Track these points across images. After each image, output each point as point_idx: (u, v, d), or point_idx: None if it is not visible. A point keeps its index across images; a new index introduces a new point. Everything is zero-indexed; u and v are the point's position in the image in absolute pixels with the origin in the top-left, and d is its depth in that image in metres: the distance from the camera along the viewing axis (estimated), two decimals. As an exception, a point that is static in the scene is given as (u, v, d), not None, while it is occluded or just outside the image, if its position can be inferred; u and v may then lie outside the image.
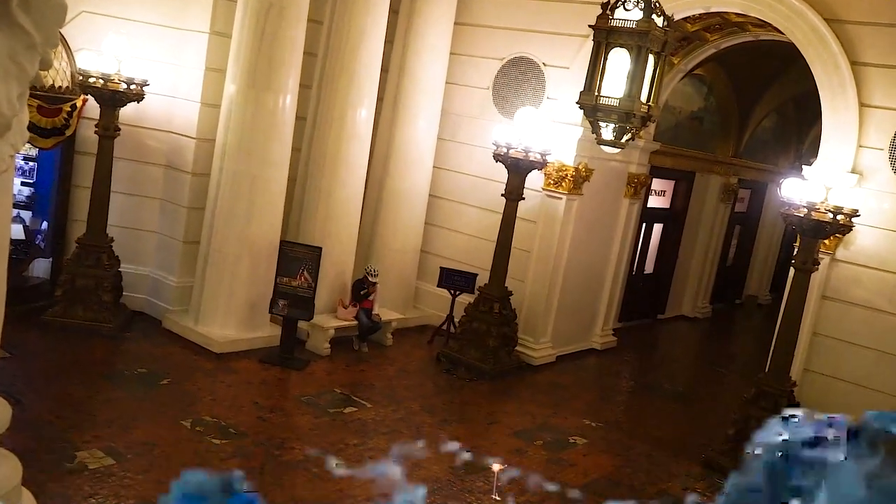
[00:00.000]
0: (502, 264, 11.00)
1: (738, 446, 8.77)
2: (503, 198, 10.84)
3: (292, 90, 10.11)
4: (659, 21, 7.23)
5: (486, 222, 12.35)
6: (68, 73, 9.92)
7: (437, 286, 12.17)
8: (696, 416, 10.88)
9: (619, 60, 7.98)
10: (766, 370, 8.95)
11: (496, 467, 7.54)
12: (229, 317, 10.18)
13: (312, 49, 10.95)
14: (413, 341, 11.99)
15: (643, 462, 8.87)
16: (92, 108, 9.98)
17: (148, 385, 8.65)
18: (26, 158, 10.37)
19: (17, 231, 10.22)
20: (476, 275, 11.93)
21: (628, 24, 7.20)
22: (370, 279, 10.95)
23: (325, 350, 10.64)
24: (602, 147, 9.08)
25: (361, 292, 11.03)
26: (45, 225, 10.65)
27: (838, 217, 8.21)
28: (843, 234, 8.75)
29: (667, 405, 11.19)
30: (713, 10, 10.61)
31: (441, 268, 12.12)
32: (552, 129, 10.94)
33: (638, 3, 7.22)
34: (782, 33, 9.97)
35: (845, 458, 0.85)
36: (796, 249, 8.66)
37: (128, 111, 10.10)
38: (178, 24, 10.39)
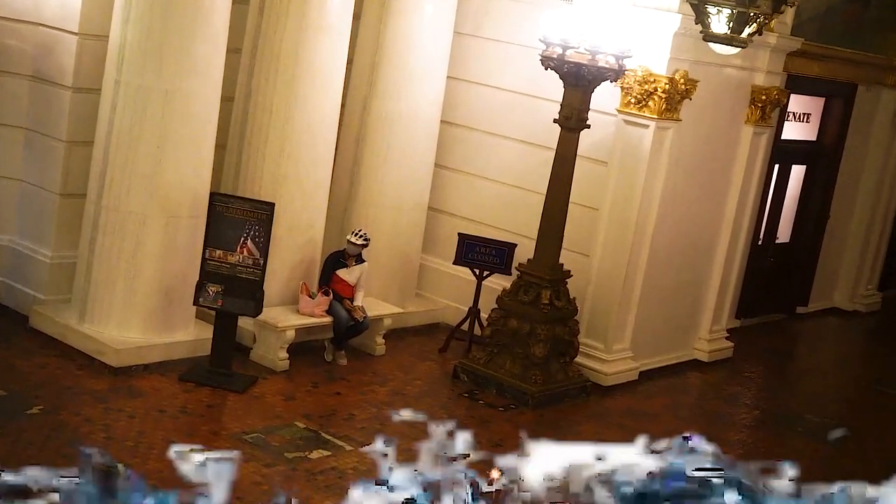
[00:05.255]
0: (555, 230, 10.93)
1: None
2: (556, 125, 10.75)
3: (227, -43, 10.07)
4: None
5: (529, 164, 12.27)
6: None
7: (454, 263, 12.16)
8: (855, 463, 10.76)
9: None
10: (968, 394, 8.87)
11: (495, 474, 7.66)
12: (132, 311, 10.19)
13: None
14: (416, 349, 11.98)
15: (774, 535, 8.86)
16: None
17: (8, 415, 8.66)
18: None
19: None
20: (514, 245, 11.89)
21: None
22: (355, 244, 10.93)
23: (282, 362, 10.65)
24: (712, 46, 8.89)
25: (339, 271, 11.03)
26: None
27: None
28: None
29: (810, 446, 11.13)
30: None
31: (460, 235, 12.08)
32: (633, 18, 10.79)
33: None
34: None
35: None
36: None
37: (-28, -8, 10.07)
38: None
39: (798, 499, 2.68)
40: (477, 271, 11.92)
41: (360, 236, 10.98)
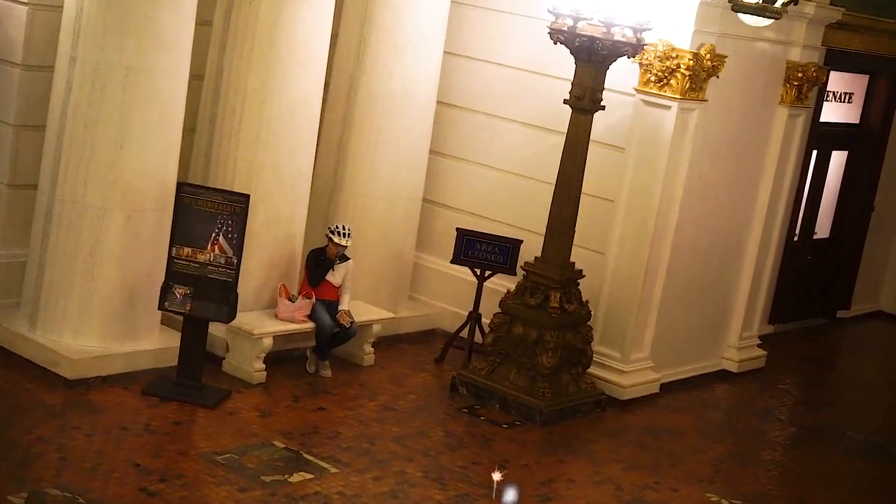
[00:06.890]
0: (566, 224, 10.93)
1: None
2: (567, 107, 10.76)
3: (196, -82, 10.09)
4: None
5: (536, 150, 12.29)
6: None
7: (452, 262, 12.15)
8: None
9: None
10: None
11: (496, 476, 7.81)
12: (89, 316, 10.19)
13: None
14: (410, 358, 12.00)
15: (812, 568, 8.91)
16: None
17: (-50, 434, 8.66)
18: None
19: None
20: (519, 242, 11.90)
21: None
22: (336, 243, 10.93)
23: (258, 374, 10.66)
24: (741, 17, 8.90)
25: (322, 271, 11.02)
26: None
27: None
28: None
29: (853, 467, 11.15)
30: None
31: (458, 230, 12.08)
32: (654, -15, 10.80)
33: None
34: None
35: None
36: None
37: None
38: None
39: None
40: (478, 271, 11.92)
41: (345, 235, 10.91)
